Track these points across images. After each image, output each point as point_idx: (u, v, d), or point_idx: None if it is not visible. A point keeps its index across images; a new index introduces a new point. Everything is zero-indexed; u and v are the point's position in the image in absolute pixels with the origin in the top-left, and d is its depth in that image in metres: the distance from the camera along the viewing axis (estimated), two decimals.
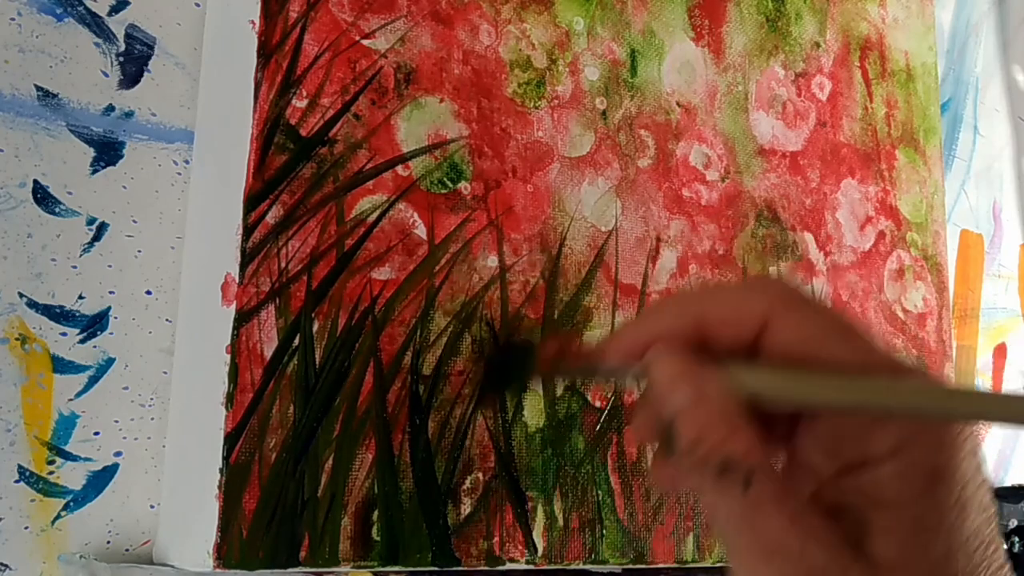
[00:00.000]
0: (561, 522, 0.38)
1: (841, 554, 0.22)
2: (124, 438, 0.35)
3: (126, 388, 0.36)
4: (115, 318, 0.36)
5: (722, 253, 0.45)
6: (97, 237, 0.36)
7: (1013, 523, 0.59)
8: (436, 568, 0.35)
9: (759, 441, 0.23)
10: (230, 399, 0.33)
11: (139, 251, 0.37)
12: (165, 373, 0.37)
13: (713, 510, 0.23)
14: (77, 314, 0.35)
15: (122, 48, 0.37)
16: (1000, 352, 0.66)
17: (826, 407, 0.24)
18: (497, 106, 0.40)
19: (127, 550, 0.35)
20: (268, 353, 0.33)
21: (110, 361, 0.35)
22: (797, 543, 0.22)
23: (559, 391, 0.39)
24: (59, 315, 0.35)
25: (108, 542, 0.34)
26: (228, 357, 0.33)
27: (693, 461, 0.22)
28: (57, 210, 0.35)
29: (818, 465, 0.24)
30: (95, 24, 0.36)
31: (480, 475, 0.37)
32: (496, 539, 0.36)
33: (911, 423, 0.23)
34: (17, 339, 0.34)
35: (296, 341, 0.34)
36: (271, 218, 0.34)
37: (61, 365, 0.34)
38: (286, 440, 0.33)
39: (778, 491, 0.22)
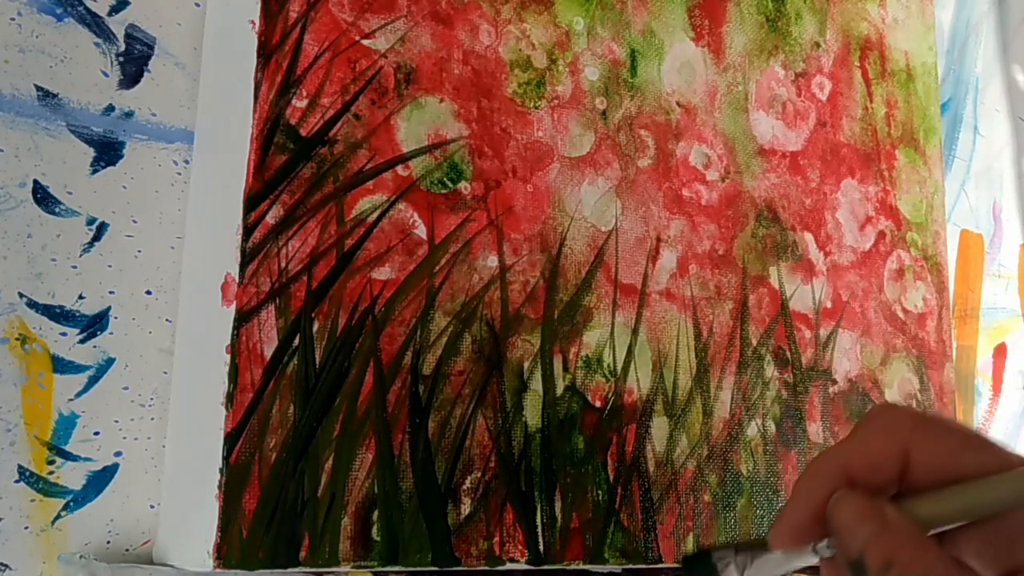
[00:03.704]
0: (561, 522, 0.38)
1: None
2: (124, 438, 0.35)
3: (126, 388, 0.36)
4: (115, 318, 0.36)
5: (722, 253, 0.45)
6: (97, 237, 0.36)
7: None
8: (436, 568, 0.35)
9: (953, 564, 0.24)
10: (230, 399, 0.33)
11: (139, 251, 0.37)
12: (165, 373, 0.37)
13: None
14: (77, 314, 0.35)
15: (122, 48, 0.37)
16: (1000, 352, 0.66)
17: (992, 511, 0.25)
18: (497, 106, 0.40)
19: (127, 550, 0.35)
20: (268, 353, 0.33)
21: (110, 361, 0.35)
22: None
23: (559, 391, 0.39)
24: (59, 315, 0.35)
25: (108, 542, 0.34)
26: (228, 357, 0.33)
27: None
28: (57, 210, 0.35)
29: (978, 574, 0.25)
30: (95, 24, 0.36)
31: (480, 475, 0.37)
32: (496, 539, 0.36)
33: None
34: (17, 339, 0.34)
35: (296, 341, 0.34)
36: (271, 218, 0.34)
37: (61, 365, 0.34)
38: (286, 440, 0.33)
39: None
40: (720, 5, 0.48)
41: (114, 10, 0.37)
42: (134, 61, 0.37)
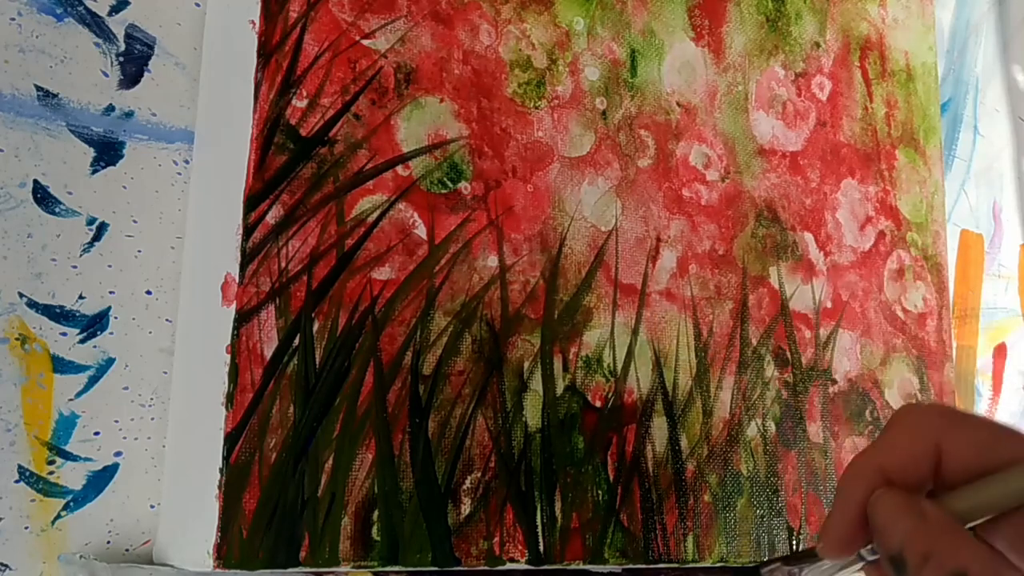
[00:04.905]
0: (561, 522, 0.38)
1: None
2: (124, 438, 0.35)
3: (126, 388, 0.36)
4: (115, 318, 0.36)
5: (722, 253, 0.45)
6: (97, 237, 0.36)
7: None
8: (436, 568, 0.35)
9: (990, 554, 0.25)
10: (230, 399, 0.33)
11: (139, 251, 0.37)
12: (165, 373, 0.37)
13: None
14: (77, 314, 0.35)
15: (122, 48, 0.37)
16: (1000, 352, 0.66)
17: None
18: (497, 106, 0.40)
19: (127, 550, 0.35)
20: (268, 353, 0.33)
21: (110, 361, 0.35)
22: None
23: (559, 391, 0.39)
24: (59, 315, 0.35)
25: (108, 542, 0.34)
26: (228, 357, 0.33)
27: None
28: (57, 210, 0.35)
29: (1013, 564, 0.26)
30: (95, 24, 0.36)
31: (480, 475, 0.37)
32: (496, 539, 0.36)
33: None
34: (17, 339, 0.34)
35: (296, 341, 0.34)
36: (271, 218, 0.34)
37: (61, 365, 0.34)
38: (286, 440, 0.33)
39: None
40: (720, 5, 0.48)
41: (114, 10, 0.37)
42: (134, 61, 0.37)
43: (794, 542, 0.44)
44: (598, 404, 0.40)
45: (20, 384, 0.33)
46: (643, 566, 0.40)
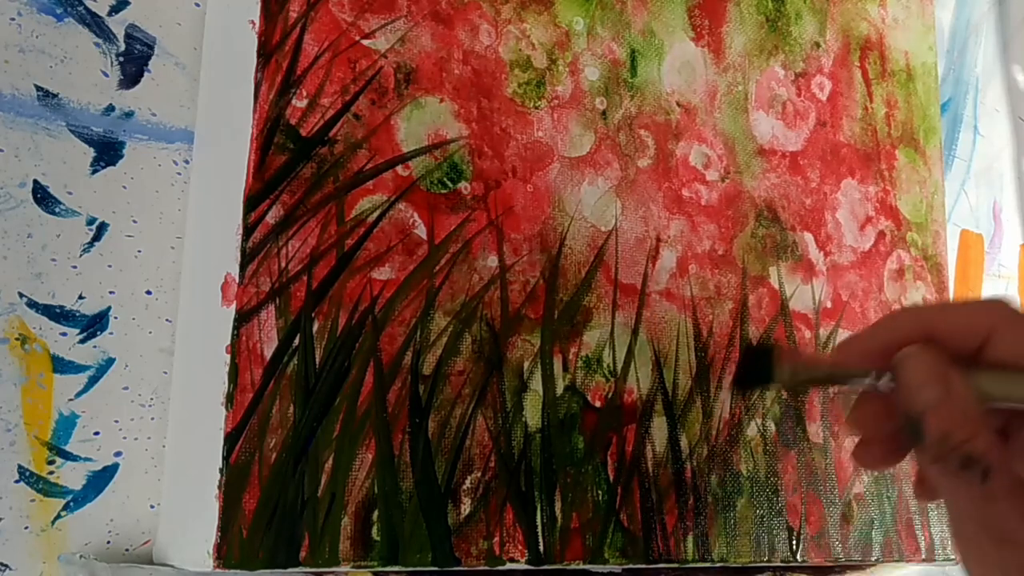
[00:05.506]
0: (561, 522, 0.38)
1: None
2: (124, 438, 0.35)
3: (126, 388, 0.36)
4: (115, 318, 0.36)
5: (722, 253, 0.45)
6: (97, 237, 0.36)
7: None
8: (436, 568, 0.35)
9: (996, 439, 0.25)
10: (230, 399, 0.33)
11: (139, 251, 0.37)
12: (165, 373, 0.37)
13: (949, 497, 0.25)
14: (77, 314, 0.35)
15: (122, 48, 0.37)
16: None
17: None
18: (497, 106, 0.40)
19: (127, 550, 0.35)
20: (268, 353, 0.33)
21: (110, 361, 0.35)
22: None
23: (559, 391, 0.39)
24: (59, 315, 0.35)
25: (108, 542, 0.34)
26: (228, 357, 0.33)
27: (938, 454, 0.25)
28: (57, 210, 0.35)
29: None
30: (95, 24, 0.36)
31: (480, 475, 0.37)
32: (496, 539, 0.36)
33: None
34: (17, 339, 0.34)
35: (296, 341, 0.34)
36: (271, 218, 0.34)
37: (61, 365, 0.34)
38: (286, 440, 0.33)
39: (1012, 486, 0.24)
40: (720, 5, 0.48)
41: (114, 10, 0.37)
42: (134, 61, 0.37)
43: (794, 542, 0.44)
44: (598, 404, 0.40)
45: (20, 384, 0.33)
46: (643, 566, 0.40)
